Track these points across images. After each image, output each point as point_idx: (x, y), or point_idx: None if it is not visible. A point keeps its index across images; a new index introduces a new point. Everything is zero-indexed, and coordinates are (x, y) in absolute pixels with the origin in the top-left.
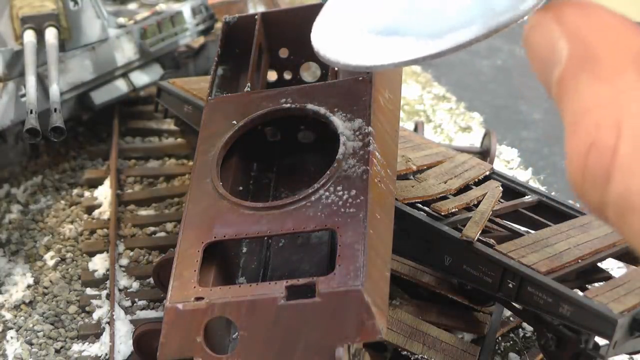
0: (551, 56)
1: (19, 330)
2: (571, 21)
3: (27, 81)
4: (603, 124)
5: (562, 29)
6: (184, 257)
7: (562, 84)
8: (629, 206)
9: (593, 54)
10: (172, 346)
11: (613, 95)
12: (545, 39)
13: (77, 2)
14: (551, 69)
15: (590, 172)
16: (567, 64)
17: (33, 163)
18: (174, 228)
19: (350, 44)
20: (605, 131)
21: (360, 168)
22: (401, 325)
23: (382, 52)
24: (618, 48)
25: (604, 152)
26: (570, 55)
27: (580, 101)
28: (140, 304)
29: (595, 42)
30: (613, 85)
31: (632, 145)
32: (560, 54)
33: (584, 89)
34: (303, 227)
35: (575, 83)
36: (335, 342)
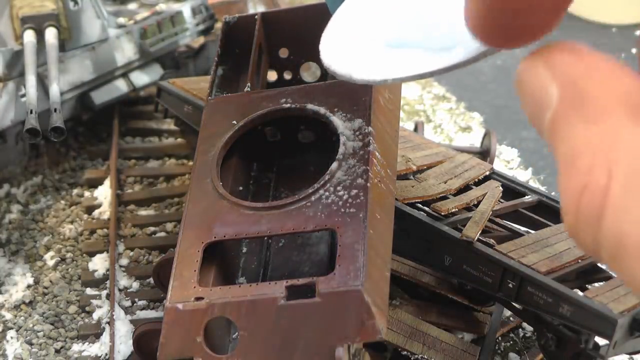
0: (543, 99)
1: (19, 330)
2: (561, 65)
3: (27, 81)
4: (595, 165)
5: (552, 72)
6: (184, 257)
7: (553, 127)
8: (621, 247)
9: (582, 96)
10: (172, 346)
11: (604, 138)
12: (536, 82)
13: (77, 2)
14: (543, 112)
15: (583, 214)
16: (558, 107)
17: (33, 163)
18: (174, 228)
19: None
20: (597, 173)
21: (360, 168)
22: (401, 325)
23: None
24: (606, 90)
25: (596, 193)
26: (560, 99)
27: (571, 143)
28: (140, 304)
29: (584, 85)
30: (602, 127)
31: (623, 185)
32: (551, 98)
33: (574, 131)
34: (303, 227)
35: (566, 125)
36: (335, 342)
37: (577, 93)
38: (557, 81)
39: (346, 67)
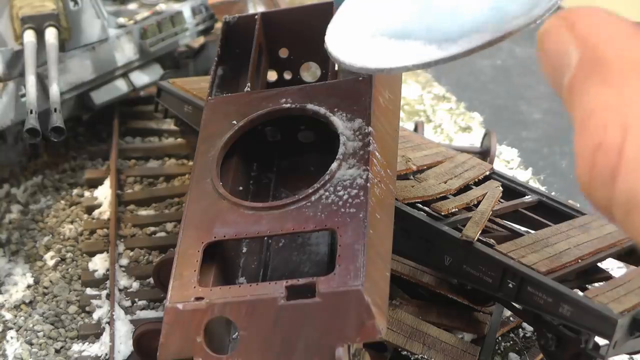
0: (562, 62)
1: (19, 330)
2: (582, 28)
3: (27, 81)
4: (610, 125)
5: (573, 35)
6: (184, 257)
7: (572, 89)
8: (634, 204)
9: (602, 60)
10: (172, 346)
11: (620, 99)
12: (556, 45)
13: (77, 2)
14: (562, 75)
15: (597, 172)
16: (577, 69)
17: (33, 163)
18: (174, 228)
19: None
20: (612, 132)
21: (360, 168)
22: (401, 325)
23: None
24: (626, 54)
25: (610, 152)
26: (580, 61)
27: (588, 104)
28: (141, 304)
29: (604, 48)
30: (620, 90)
31: (638, 144)
32: (570, 60)
33: (592, 92)
34: (303, 227)
35: (584, 87)
36: (335, 342)
37: (597, 57)
38: (578, 44)
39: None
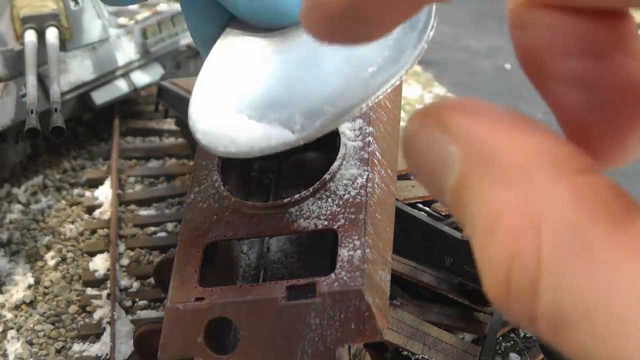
0: (441, 163)
1: (20, 330)
2: (458, 124)
3: (28, 81)
4: (520, 230)
5: (448, 133)
6: (185, 257)
7: (461, 193)
8: (561, 319)
9: (491, 157)
10: (173, 346)
11: (524, 198)
12: (429, 147)
13: (78, 2)
14: (443, 177)
15: (514, 285)
16: (463, 169)
17: (34, 163)
18: (174, 228)
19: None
20: (525, 238)
21: (361, 168)
22: (402, 325)
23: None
24: (518, 147)
25: (528, 261)
26: (464, 160)
27: (487, 209)
28: (141, 304)
29: (491, 144)
30: (522, 187)
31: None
32: (452, 161)
33: (488, 196)
34: (303, 228)
35: (476, 189)
36: (336, 342)
37: (485, 155)
38: (458, 142)
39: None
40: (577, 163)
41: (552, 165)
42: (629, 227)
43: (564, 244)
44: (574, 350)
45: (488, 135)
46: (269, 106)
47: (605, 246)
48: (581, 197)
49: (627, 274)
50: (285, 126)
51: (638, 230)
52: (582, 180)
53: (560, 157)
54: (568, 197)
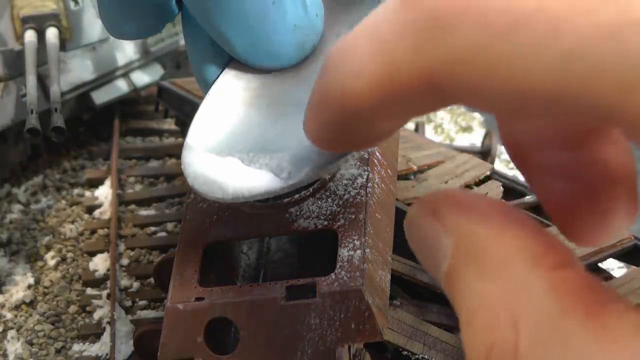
0: (436, 253)
1: (20, 330)
2: (451, 217)
3: (28, 81)
4: (499, 322)
5: (440, 224)
6: (185, 257)
7: (450, 280)
8: None
9: (477, 250)
10: (173, 346)
11: (503, 292)
12: (426, 235)
13: (78, 2)
14: (438, 264)
15: None
16: (453, 260)
17: (34, 163)
18: (174, 228)
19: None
20: (502, 329)
21: (361, 168)
22: (402, 325)
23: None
24: (501, 243)
25: (505, 352)
26: (454, 251)
27: (471, 300)
28: (141, 304)
29: (478, 238)
30: (501, 282)
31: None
32: (445, 251)
33: (472, 287)
34: (303, 227)
35: (463, 281)
36: (336, 342)
37: (472, 247)
38: (450, 235)
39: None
40: (555, 257)
41: (531, 260)
42: (603, 316)
43: (541, 335)
44: None
45: (477, 230)
46: (260, 150)
47: (581, 336)
48: (557, 291)
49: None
50: (274, 172)
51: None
52: (559, 275)
53: (539, 252)
54: (545, 290)
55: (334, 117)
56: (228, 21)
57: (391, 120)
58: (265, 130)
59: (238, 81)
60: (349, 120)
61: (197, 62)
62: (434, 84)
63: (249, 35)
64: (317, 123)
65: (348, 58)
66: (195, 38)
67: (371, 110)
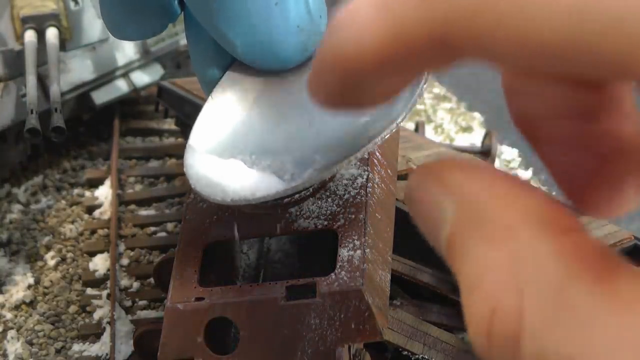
0: (437, 217)
1: (20, 330)
2: (454, 182)
3: (28, 81)
4: (503, 287)
5: (443, 189)
6: (184, 257)
7: (451, 247)
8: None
9: (482, 215)
10: (173, 346)
11: (509, 256)
12: (428, 200)
13: (78, 2)
14: (439, 230)
15: (496, 338)
16: (454, 225)
17: (34, 163)
18: (174, 228)
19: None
20: (506, 294)
21: (361, 168)
22: (402, 325)
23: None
24: (508, 207)
25: (509, 316)
26: (456, 216)
27: (474, 265)
28: (141, 304)
29: (483, 203)
30: (507, 245)
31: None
32: (446, 214)
33: (475, 252)
34: (303, 227)
35: (465, 246)
36: (336, 342)
37: (476, 211)
38: (451, 197)
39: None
40: (563, 223)
41: (538, 224)
42: (612, 283)
43: (547, 301)
44: None
45: (480, 194)
46: (263, 152)
47: (589, 303)
48: (565, 256)
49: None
50: (277, 174)
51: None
52: (567, 239)
53: (547, 217)
54: (552, 255)
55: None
56: (230, 22)
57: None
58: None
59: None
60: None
61: (200, 63)
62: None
63: (251, 37)
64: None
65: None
66: (198, 39)
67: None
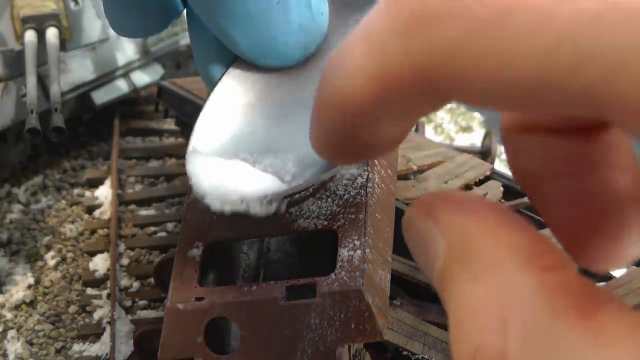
0: (430, 252)
1: (20, 330)
2: (446, 218)
3: (28, 81)
4: (487, 325)
5: (437, 225)
6: (185, 257)
7: (442, 281)
8: None
9: (469, 251)
10: (173, 346)
11: (492, 293)
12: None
13: (78, 2)
14: (432, 265)
15: None
16: (445, 260)
17: (34, 163)
18: (174, 228)
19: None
20: (490, 333)
21: (361, 168)
22: (402, 325)
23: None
24: (493, 244)
25: (492, 356)
26: (447, 251)
27: (461, 302)
28: (141, 304)
29: (471, 237)
30: (491, 283)
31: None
32: (438, 250)
33: (462, 288)
34: (303, 227)
35: (454, 281)
36: (336, 342)
37: (464, 248)
38: (444, 234)
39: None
40: (548, 259)
41: (523, 261)
42: (597, 320)
43: (531, 338)
44: None
45: (470, 229)
46: (265, 150)
47: (574, 340)
48: (549, 292)
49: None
50: (277, 174)
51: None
52: (551, 276)
53: (532, 253)
54: (536, 291)
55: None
56: (232, 20)
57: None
58: (270, 131)
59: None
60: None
61: (202, 60)
62: (425, 80)
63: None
64: (320, 133)
65: (344, 61)
66: (200, 37)
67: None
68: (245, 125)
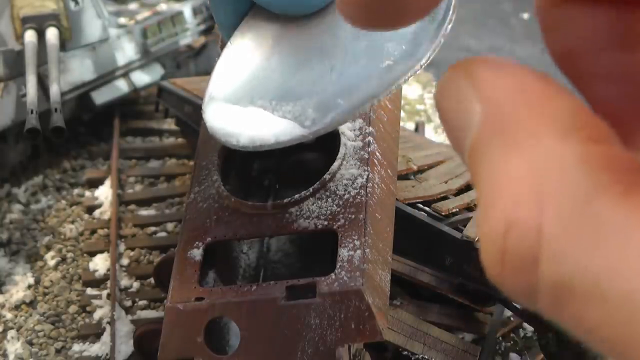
0: (464, 120)
1: (20, 330)
2: (486, 83)
3: (28, 81)
4: (522, 199)
5: (475, 90)
6: (185, 257)
7: (474, 153)
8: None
9: (508, 120)
10: (173, 346)
11: (530, 165)
12: (457, 101)
13: (78, 2)
14: (464, 135)
15: (511, 257)
16: (480, 129)
17: (34, 163)
18: (174, 228)
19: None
20: (525, 208)
21: (361, 168)
22: (402, 325)
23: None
24: (534, 112)
25: (526, 232)
26: (484, 120)
27: (493, 174)
28: (141, 304)
29: (511, 105)
30: (529, 154)
31: (560, 220)
32: (473, 119)
33: (498, 159)
34: (303, 227)
35: (488, 152)
36: (336, 342)
37: (502, 116)
38: (481, 99)
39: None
40: (594, 132)
41: (565, 132)
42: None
43: (569, 214)
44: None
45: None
46: (283, 97)
47: (615, 216)
48: (593, 164)
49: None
50: (297, 120)
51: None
52: (597, 149)
53: (577, 124)
54: (578, 164)
55: None
56: None
57: None
58: (288, 78)
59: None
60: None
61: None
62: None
63: None
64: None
65: None
66: None
67: None
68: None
